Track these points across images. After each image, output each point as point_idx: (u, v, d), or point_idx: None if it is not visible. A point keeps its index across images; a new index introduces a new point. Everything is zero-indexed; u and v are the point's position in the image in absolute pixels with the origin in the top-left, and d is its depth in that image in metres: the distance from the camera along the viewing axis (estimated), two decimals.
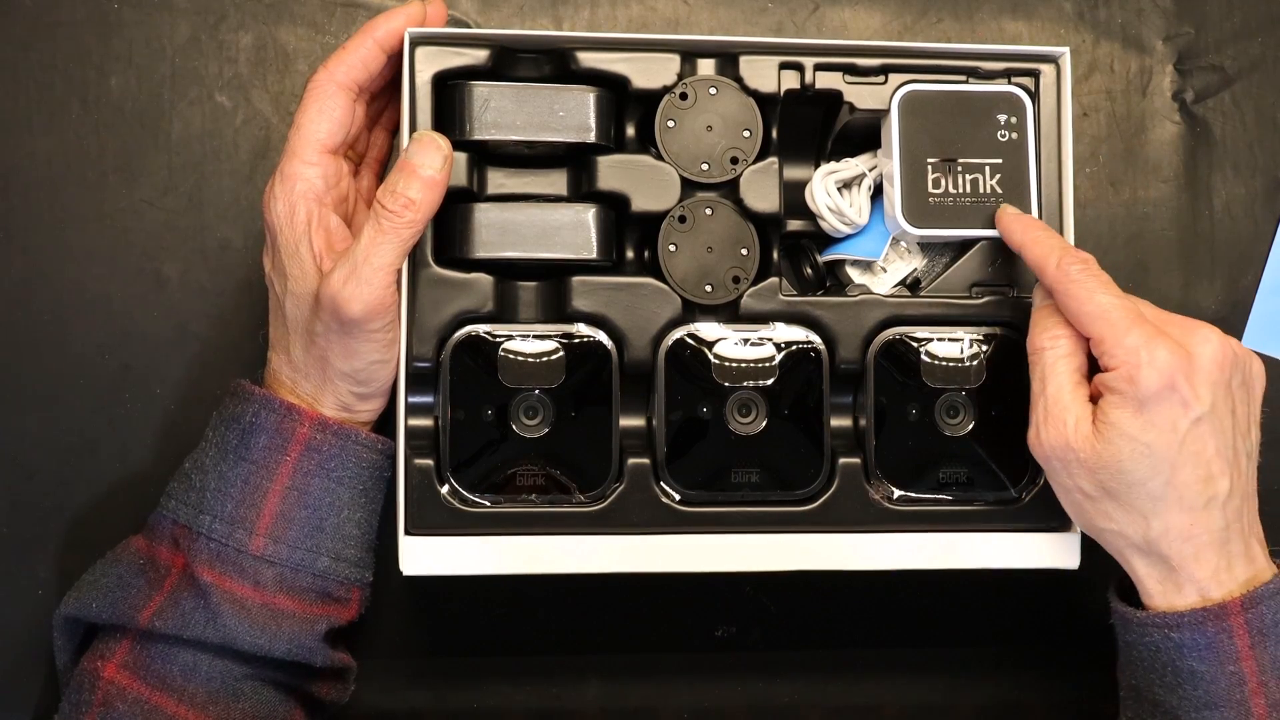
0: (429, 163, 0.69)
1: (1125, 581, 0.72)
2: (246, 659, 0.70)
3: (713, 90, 0.75)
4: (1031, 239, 0.72)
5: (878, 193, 0.78)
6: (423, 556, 0.72)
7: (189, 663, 0.69)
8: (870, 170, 0.77)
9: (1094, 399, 0.70)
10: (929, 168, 0.75)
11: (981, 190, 0.75)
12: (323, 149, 0.71)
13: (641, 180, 0.75)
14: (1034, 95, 0.77)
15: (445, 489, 0.73)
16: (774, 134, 0.76)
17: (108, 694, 0.68)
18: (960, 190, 0.74)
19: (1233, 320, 0.86)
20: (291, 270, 0.70)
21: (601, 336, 0.74)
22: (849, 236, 0.77)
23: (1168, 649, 0.69)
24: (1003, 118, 0.75)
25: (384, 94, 0.77)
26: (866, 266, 0.78)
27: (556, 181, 0.77)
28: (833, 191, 0.76)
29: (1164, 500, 0.68)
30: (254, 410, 0.71)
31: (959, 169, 0.74)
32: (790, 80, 0.76)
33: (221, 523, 0.70)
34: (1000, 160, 0.75)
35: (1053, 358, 0.71)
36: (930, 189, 0.74)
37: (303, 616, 0.70)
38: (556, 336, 0.74)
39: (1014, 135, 0.75)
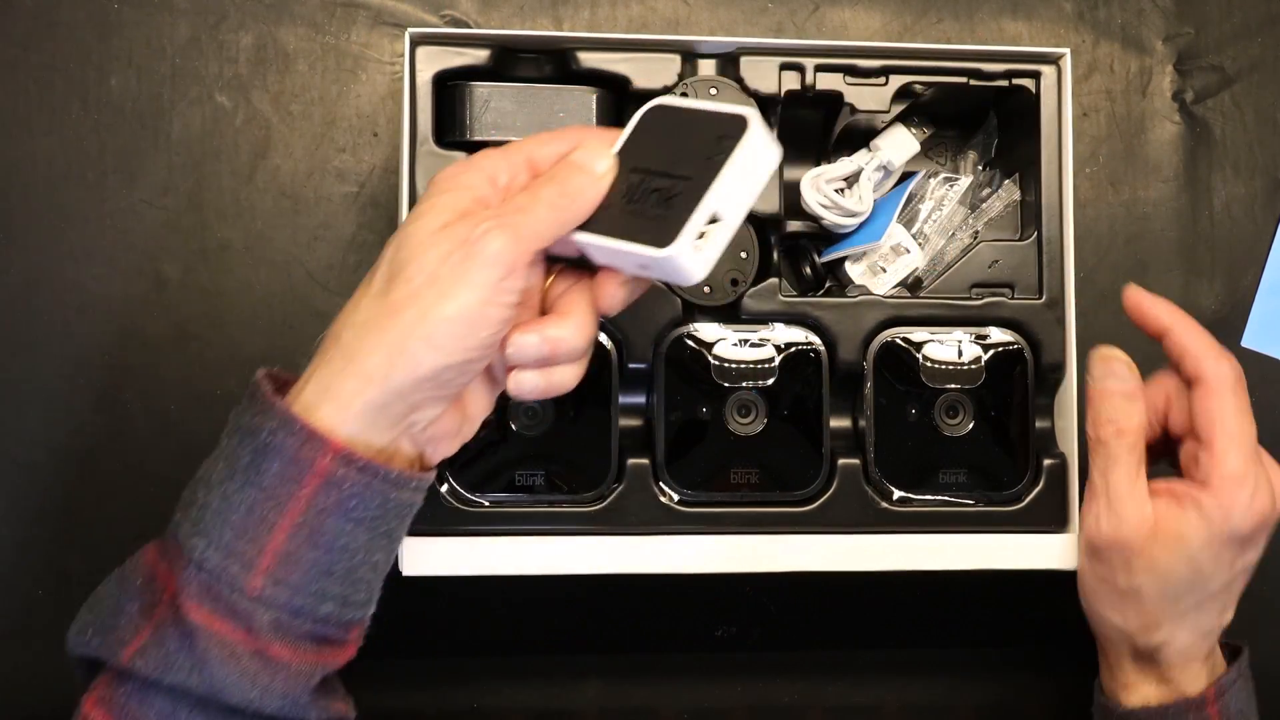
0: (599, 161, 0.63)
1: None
2: (231, 712, 0.60)
3: (713, 90, 0.75)
4: (1184, 327, 0.71)
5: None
6: (422, 556, 0.72)
7: (166, 710, 0.60)
8: (867, 164, 0.77)
9: (1155, 490, 0.71)
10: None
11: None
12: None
13: None
14: (1035, 95, 0.77)
15: (445, 488, 0.73)
16: (774, 135, 0.76)
17: None
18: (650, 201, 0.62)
19: (1233, 320, 0.86)
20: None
21: (601, 337, 0.74)
22: (851, 233, 0.77)
23: None
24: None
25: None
26: (864, 259, 0.78)
27: None
28: (823, 187, 0.76)
29: (1184, 618, 0.71)
30: (271, 428, 0.60)
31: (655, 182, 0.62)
32: (791, 81, 0.76)
33: (217, 552, 0.59)
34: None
35: (1122, 446, 0.71)
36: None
37: (297, 668, 0.61)
38: None
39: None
